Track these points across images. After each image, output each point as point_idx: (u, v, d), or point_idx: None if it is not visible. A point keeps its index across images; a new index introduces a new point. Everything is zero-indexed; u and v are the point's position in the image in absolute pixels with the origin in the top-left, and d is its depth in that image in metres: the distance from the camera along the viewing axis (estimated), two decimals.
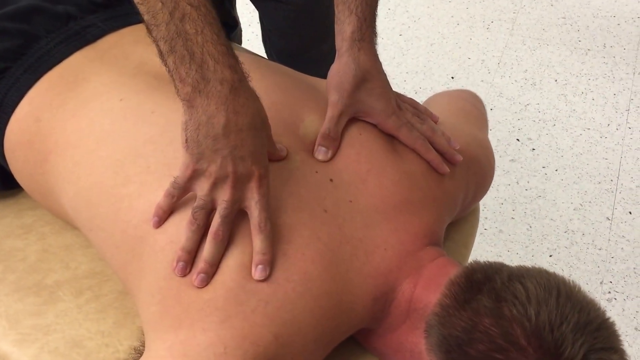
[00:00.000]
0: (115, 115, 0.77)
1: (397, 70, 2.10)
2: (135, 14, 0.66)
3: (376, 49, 0.80)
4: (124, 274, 0.73)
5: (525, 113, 1.97)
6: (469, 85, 2.05)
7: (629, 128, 1.93)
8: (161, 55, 0.64)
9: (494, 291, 0.63)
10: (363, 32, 0.77)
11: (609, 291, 1.54)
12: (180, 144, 0.66)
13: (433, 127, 0.82)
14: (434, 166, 0.79)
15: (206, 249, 0.65)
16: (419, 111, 0.84)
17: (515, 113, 1.97)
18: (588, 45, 2.21)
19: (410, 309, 0.71)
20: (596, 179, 1.78)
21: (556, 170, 1.81)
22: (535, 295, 0.61)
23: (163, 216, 0.68)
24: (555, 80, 2.08)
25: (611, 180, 1.78)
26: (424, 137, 0.80)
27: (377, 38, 0.80)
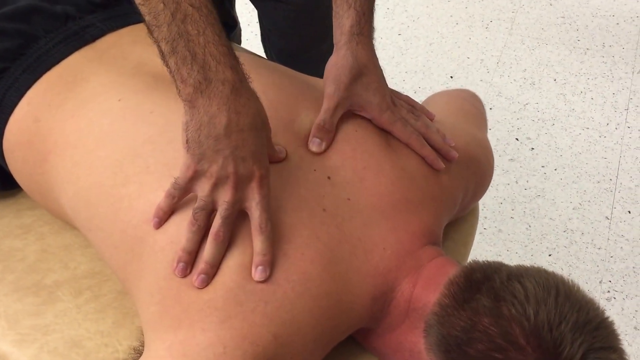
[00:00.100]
0: (114, 116, 0.77)
1: (396, 69, 2.10)
2: (134, 14, 0.66)
3: (374, 44, 0.80)
4: (124, 274, 0.73)
5: (525, 112, 1.97)
6: (468, 84, 2.05)
7: (628, 127, 1.93)
8: (162, 56, 0.64)
9: (493, 291, 0.63)
10: (362, 26, 0.77)
11: (608, 290, 1.54)
12: (180, 144, 0.66)
13: (427, 124, 0.82)
14: (428, 162, 0.79)
15: (207, 250, 0.65)
16: (414, 108, 0.84)
17: (515, 112, 1.97)
18: (587, 45, 2.21)
19: (409, 308, 0.71)
20: (595, 178, 1.78)
21: (555, 169, 1.81)
22: (534, 294, 0.61)
23: (163, 217, 0.68)
24: (554, 80, 2.08)
25: (610, 179, 1.78)
26: (419, 133, 0.80)
27: (376, 38, 0.80)
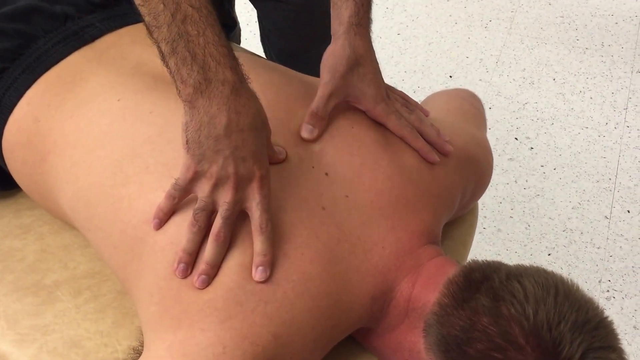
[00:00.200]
0: (113, 116, 0.77)
1: (396, 69, 2.10)
2: (133, 14, 0.66)
3: (371, 36, 0.80)
4: (123, 274, 0.73)
5: (524, 112, 1.97)
6: (467, 84, 2.05)
7: (627, 127, 1.93)
8: (162, 56, 0.64)
9: (492, 290, 0.63)
10: (360, 17, 0.77)
11: (608, 290, 1.54)
12: (179, 144, 0.66)
13: (421, 118, 0.82)
14: (422, 155, 0.79)
15: (207, 251, 0.65)
16: (408, 102, 0.84)
17: (514, 112, 1.97)
18: (586, 44, 2.22)
19: (408, 308, 0.71)
20: (594, 178, 1.78)
21: (554, 169, 1.81)
22: (533, 294, 0.61)
23: (164, 218, 0.68)
24: (554, 79, 2.08)
25: (609, 178, 1.78)
26: (412, 126, 0.80)
27: (375, 37, 0.80)
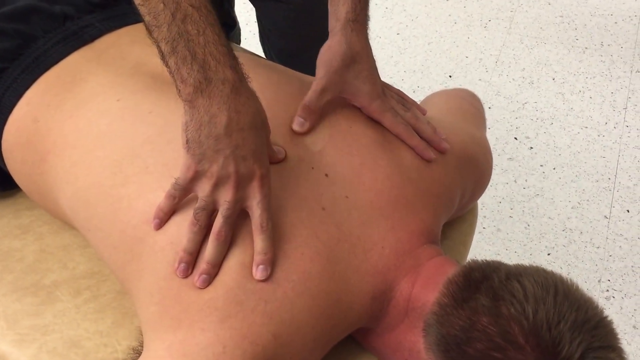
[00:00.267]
0: (112, 116, 0.77)
1: (395, 69, 2.10)
2: (133, 14, 0.66)
3: (368, 33, 0.80)
4: (123, 274, 0.73)
5: (523, 112, 1.97)
6: (466, 83, 2.05)
7: (627, 126, 1.93)
8: (162, 56, 0.64)
9: (491, 290, 0.63)
10: (357, 13, 0.77)
11: (607, 289, 1.54)
12: (179, 144, 0.66)
13: (417, 115, 0.82)
14: (418, 152, 0.79)
15: (208, 250, 0.65)
16: (405, 100, 0.84)
17: (513, 112, 1.97)
18: (585, 44, 2.22)
19: (408, 307, 0.71)
20: (594, 178, 1.78)
21: (554, 168, 1.81)
22: (532, 293, 0.61)
23: (164, 218, 0.68)
24: (553, 79, 2.08)
25: (609, 178, 1.78)
26: (408, 124, 0.80)
27: (375, 37, 0.80)
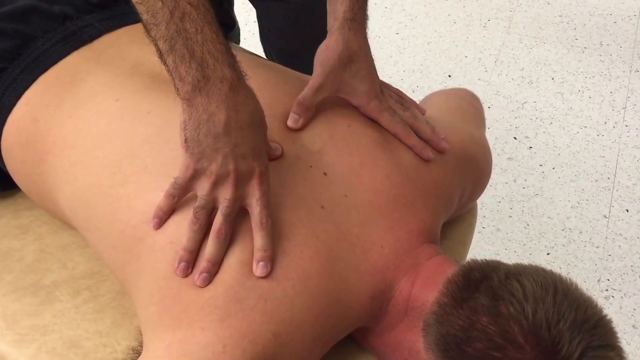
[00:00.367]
0: (111, 116, 0.77)
1: (394, 68, 2.10)
2: (132, 14, 0.66)
3: (366, 32, 0.80)
4: (122, 274, 0.73)
5: (522, 111, 1.97)
6: (466, 83, 2.05)
7: (626, 126, 1.93)
8: (160, 54, 0.64)
9: (491, 289, 0.63)
10: (355, 12, 0.77)
11: (607, 289, 1.54)
12: (178, 144, 0.66)
13: (416, 115, 0.82)
14: (416, 152, 0.79)
15: (208, 248, 0.65)
16: (403, 100, 0.84)
17: (512, 111, 1.97)
18: (585, 44, 2.22)
19: (408, 307, 0.71)
20: (593, 177, 1.78)
21: (553, 168, 1.81)
22: (532, 293, 0.61)
23: (163, 217, 0.68)
24: (552, 79, 2.08)
25: (608, 178, 1.78)
26: (406, 123, 0.80)
27: (374, 37, 0.80)
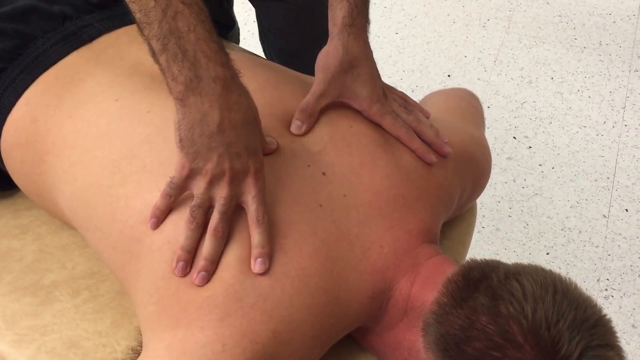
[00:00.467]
0: (111, 116, 0.77)
1: (394, 68, 2.10)
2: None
3: (367, 36, 0.79)
4: (121, 274, 0.73)
5: (522, 111, 1.97)
6: (465, 83, 2.05)
7: (625, 126, 1.93)
8: (153, 53, 0.64)
9: (490, 289, 0.63)
10: (354, 18, 0.77)
11: (606, 288, 1.54)
12: (175, 143, 0.66)
13: (419, 118, 0.81)
14: (419, 155, 0.79)
15: (206, 247, 0.65)
16: (407, 103, 0.84)
17: (512, 111, 1.97)
18: (584, 43, 2.22)
19: (407, 307, 0.71)
20: (593, 177, 1.79)
21: (553, 168, 1.81)
22: (531, 292, 0.61)
23: (161, 217, 0.68)
24: (552, 78, 2.08)
25: (607, 177, 1.78)
26: (409, 127, 0.80)
27: (373, 37, 0.80)
